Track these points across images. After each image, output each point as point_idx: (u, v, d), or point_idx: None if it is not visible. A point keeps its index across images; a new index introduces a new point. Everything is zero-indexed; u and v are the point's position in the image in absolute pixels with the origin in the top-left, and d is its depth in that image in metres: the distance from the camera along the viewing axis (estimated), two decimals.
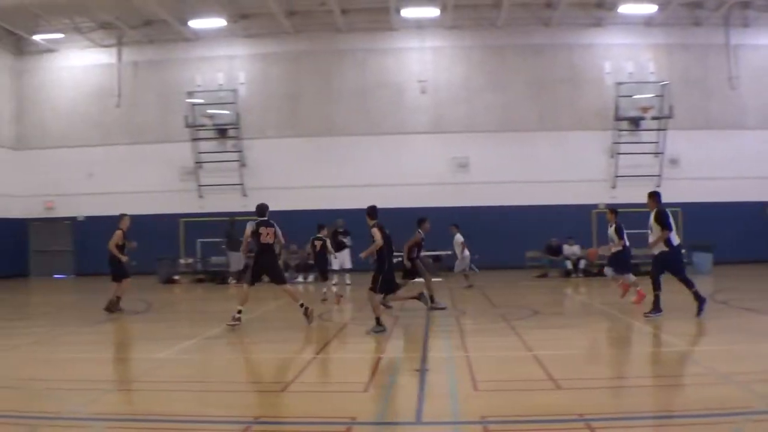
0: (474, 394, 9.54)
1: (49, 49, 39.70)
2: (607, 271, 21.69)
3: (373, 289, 15.66)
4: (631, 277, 20.47)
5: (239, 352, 14.25)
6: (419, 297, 16.84)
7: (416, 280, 21.27)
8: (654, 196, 16.80)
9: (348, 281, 28.49)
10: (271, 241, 16.83)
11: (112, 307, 19.80)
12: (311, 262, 31.75)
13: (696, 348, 12.78)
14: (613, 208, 21.71)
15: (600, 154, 36.03)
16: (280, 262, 20.89)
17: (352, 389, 10.14)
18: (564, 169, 35.34)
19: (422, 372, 10.95)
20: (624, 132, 35.99)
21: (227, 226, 31.74)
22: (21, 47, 40.08)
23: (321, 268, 23.33)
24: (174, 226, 36.16)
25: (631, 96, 35.52)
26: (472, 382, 10.19)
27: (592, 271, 30.81)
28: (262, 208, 17.16)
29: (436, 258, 32.73)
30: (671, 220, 16.33)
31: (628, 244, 20.74)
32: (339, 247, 28.63)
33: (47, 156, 39.58)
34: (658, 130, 35.60)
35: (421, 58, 37.42)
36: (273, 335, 16.64)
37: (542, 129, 36.31)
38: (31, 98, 40.36)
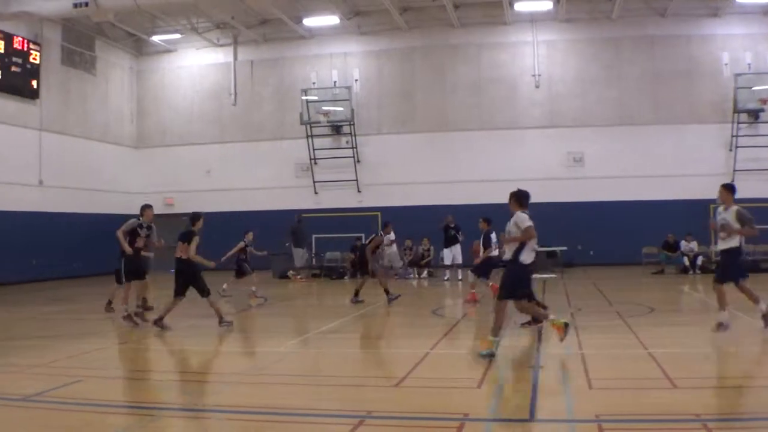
0: (588, 392, 9.46)
1: (167, 50, 40.62)
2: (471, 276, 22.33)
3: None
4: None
5: (353, 346, 14.38)
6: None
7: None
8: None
9: (460, 276, 28.52)
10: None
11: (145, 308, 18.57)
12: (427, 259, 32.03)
13: None
14: (487, 218, 22.02)
15: (718, 147, 35.13)
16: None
17: (465, 385, 10.15)
18: (681, 164, 34.63)
19: (536, 369, 10.93)
20: (743, 124, 35.06)
21: (293, 223, 31.78)
22: (140, 48, 41.08)
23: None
24: (290, 221, 36.65)
25: (750, 87, 34.48)
26: (587, 379, 10.09)
27: (711, 268, 30.26)
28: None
29: (551, 254, 32.49)
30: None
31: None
32: (449, 242, 28.78)
33: (166, 154, 40.60)
34: None
35: (535, 52, 37.08)
36: (387, 330, 16.76)
37: (658, 122, 35.61)
38: (151, 98, 41.38)
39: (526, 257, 12.26)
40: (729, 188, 15.19)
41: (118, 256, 17.82)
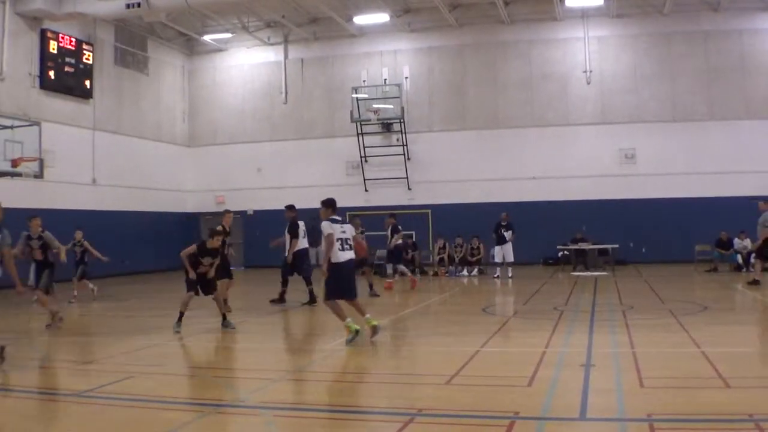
0: (640, 391, 9.36)
1: (218, 49, 40.97)
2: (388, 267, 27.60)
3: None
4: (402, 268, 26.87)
5: (404, 344, 14.37)
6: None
7: None
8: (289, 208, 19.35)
9: (510, 274, 28.43)
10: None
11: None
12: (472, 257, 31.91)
13: None
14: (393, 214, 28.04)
15: None
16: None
17: (515, 383, 10.08)
18: (735, 160, 34.12)
19: (587, 367, 10.84)
20: None
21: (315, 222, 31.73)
22: (192, 48, 41.48)
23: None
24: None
25: None
26: (638, 378, 9.99)
27: (767, 267, 29.88)
28: None
29: (603, 251, 32.29)
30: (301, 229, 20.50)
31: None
32: (501, 240, 28.76)
33: (218, 152, 40.99)
34: None
35: (586, 48, 36.79)
36: (437, 327, 16.72)
37: (712, 118, 35.18)
38: (202, 96, 41.77)
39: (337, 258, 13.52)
40: None
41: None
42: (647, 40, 36.37)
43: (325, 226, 13.57)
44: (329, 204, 14.24)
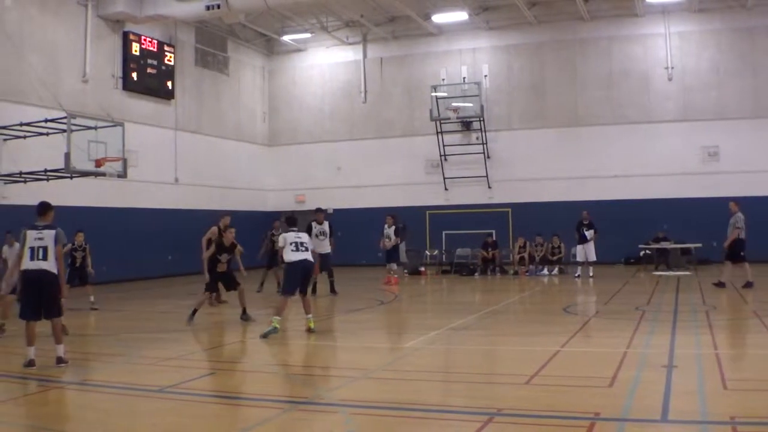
0: (723, 393, 9.25)
1: (297, 49, 41.29)
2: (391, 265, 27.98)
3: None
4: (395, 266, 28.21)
5: (484, 343, 14.33)
6: None
7: None
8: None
9: (591, 273, 28.18)
10: None
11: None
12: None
13: None
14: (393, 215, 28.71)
15: None
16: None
17: (596, 384, 10.01)
18: None
19: (669, 368, 10.70)
20: None
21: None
22: (271, 48, 41.87)
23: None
24: (420, 218, 36.77)
25: None
26: (722, 380, 9.86)
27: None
28: None
29: (685, 250, 31.86)
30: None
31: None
32: (582, 239, 28.54)
33: (298, 151, 41.31)
34: None
35: (668, 44, 36.24)
36: (517, 327, 16.66)
37: None
38: (282, 96, 42.14)
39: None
40: None
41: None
42: (729, 35, 35.66)
43: (279, 239, 15.72)
44: (286, 221, 16.11)
